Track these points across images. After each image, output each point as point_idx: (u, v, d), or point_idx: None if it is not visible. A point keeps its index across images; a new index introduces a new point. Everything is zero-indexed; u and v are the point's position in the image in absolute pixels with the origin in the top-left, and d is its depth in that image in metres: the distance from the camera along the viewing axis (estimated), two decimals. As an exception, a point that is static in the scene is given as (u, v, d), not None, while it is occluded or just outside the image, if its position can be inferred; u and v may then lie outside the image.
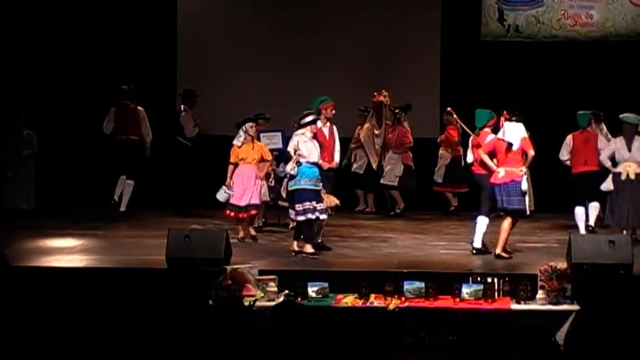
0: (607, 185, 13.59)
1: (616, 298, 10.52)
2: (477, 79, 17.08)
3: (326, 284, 10.74)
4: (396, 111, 15.90)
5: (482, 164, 12.62)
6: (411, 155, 16.16)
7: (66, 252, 12.62)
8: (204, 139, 16.00)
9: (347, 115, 16.00)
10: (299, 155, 12.26)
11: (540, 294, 10.52)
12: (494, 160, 12.45)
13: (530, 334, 7.49)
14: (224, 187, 13.05)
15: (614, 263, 10.94)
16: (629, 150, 13.35)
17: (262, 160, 13.27)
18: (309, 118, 12.54)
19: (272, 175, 13.99)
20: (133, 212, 15.63)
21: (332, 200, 12.79)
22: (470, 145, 13.22)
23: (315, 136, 12.50)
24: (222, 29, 17.67)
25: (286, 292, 10.75)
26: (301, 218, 12.28)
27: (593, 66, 17.00)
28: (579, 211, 13.91)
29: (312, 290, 10.64)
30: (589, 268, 10.91)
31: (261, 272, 11.09)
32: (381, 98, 15.72)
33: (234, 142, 13.17)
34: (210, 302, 10.16)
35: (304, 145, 12.32)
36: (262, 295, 10.67)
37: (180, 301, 10.49)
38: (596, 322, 10.17)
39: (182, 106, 16.02)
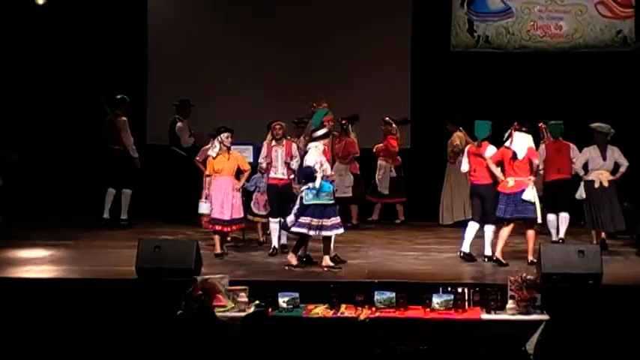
0: (580, 193, 13.72)
1: (585, 308, 10.57)
2: (447, 90, 17.12)
3: (297, 294, 10.73)
4: (343, 122, 15.74)
5: (490, 173, 12.91)
6: (357, 165, 16.09)
7: (35, 263, 12.54)
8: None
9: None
10: (323, 169, 12.09)
11: (510, 304, 10.54)
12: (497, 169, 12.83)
13: (501, 343, 7.52)
14: (202, 199, 12.95)
15: (584, 273, 10.99)
16: (604, 159, 13.69)
17: (239, 171, 13.13)
18: (323, 131, 12.42)
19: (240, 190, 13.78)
20: (132, 221, 15.63)
21: None
22: (465, 154, 13.35)
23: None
24: (194, 36, 17.60)
25: (257, 302, 10.72)
26: (299, 230, 12.12)
27: (562, 76, 17.08)
28: (551, 218, 14.05)
29: (282, 300, 10.62)
30: (559, 277, 10.96)
31: (232, 282, 11.05)
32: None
33: (209, 152, 13.03)
34: (181, 313, 10.11)
35: (321, 159, 12.20)
36: (233, 305, 10.64)
37: (150, 312, 10.46)
38: (565, 331, 10.23)
39: (177, 117, 15.83)
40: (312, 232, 12.15)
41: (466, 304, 10.70)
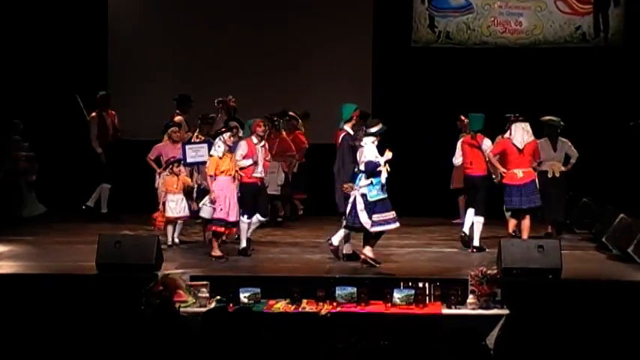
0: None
1: (545, 303, 10.64)
2: (408, 85, 17.18)
3: (258, 290, 10.73)
4: (275, 119, 15.50)
5: (488, 165, 13.21)
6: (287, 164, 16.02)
7: (-6, 258, 12.46)
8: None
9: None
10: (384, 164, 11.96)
11: (471, 298, 10.61)
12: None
13: (461, 338, 7.54)
14: (207, 201, 12.54)
15: (544, 268, 11.06)
16: (555, 150, 14.15)
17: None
18: (378, 128, 12.12)
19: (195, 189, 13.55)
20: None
21: None
22: (459, 147, 13.45)
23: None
24: (154, 32, 17.57)
25: (218, 297, 10.71)
26: (382, 228, 12.01)
27: (522, 72, 17.19)
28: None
29: (243, 296, 10.62)
30: (519, 272, 11.02)
31: (193, 278, 11.04)
32: (233, 104, 15.07)
33: (213, 153, 12.53)
34: (142, 308, 10.07)
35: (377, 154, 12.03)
36: (194, 300, 10.62)
37: (110, 307, 10.41)
38: (525, 326, 10.28)
39: (176, 111, 15.60)
40: (389, 226, 12.06)
41: (427, 298, 10.76)
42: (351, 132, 12.57)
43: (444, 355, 7.46)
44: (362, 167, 11.99)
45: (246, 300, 10.57)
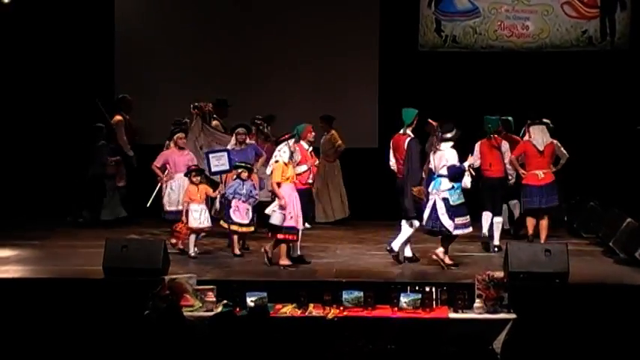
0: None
1: (552, 307, 10.63)
2: (415, 89, 17.14)
3: (264, 294, 10.72)
4: (258, 121, 15.11)
5: (511, 167, 13.57)
6: None
7: (1, 262, 12.45)
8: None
9: (286, 123, 16.08)
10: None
11: (477, 303, 10.59)
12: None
13: (468, 342, 7.55)
14: (276, 208, 12.24)
15: (550, 272, 11.04)
16: None
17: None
18: (454, 132, 12.25)
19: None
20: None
21: None
22: (478, 149, 13.48)
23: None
24: (160, 34, 17.56)
25: (224, 302, 10.71)
26: (464, 231, 12.18)
27: (528, 76, 17.17)
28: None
29: (250, 300, 10.61)
30: (525, 276, 11.00)
31: (200, 282, 11.03)
32: (209, 109, 14.92)
33: (279, 159, 12.28)
34: (148, 312, 10.08)
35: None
36: (200, 305, 10.62)
37: (117, 312, 10.42)
38: (532, 330, 10.27)
39: (213, 115, 15.45)
40: (467, 230, 12.25)
41: (434, 303, 10.74)
42: (412, 135, 12.69)
43: (450, 360, 7.46)
44: (443, 172, 12.09)
45: (252, 304, 10.56)
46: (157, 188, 13.91)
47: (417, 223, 12.44)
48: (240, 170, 13.02)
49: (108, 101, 16.36)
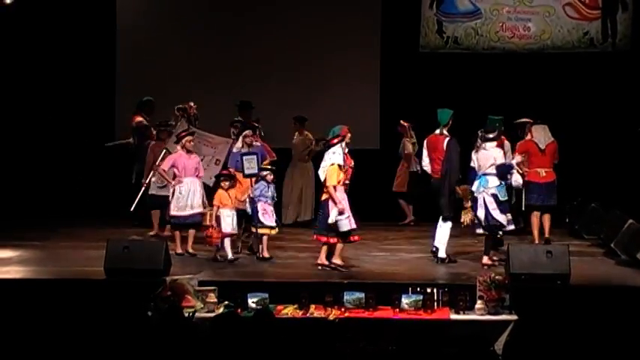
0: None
1: (553, 308, 10.62)
2: (417, 90, 17.17)
3: (266, 295, 10.72)
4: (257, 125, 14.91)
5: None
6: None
7: (2, 263, 12.45)
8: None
9: (286, 124, 16.13)
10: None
11: (479, 304, 10.59)
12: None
13: (469, 344, 7.53)
14: (338, 214, 11.97)
15: (552, 273, 11.04)
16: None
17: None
18: (496, 133, 12.69)
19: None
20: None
21: None
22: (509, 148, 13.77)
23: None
24: (163, 35, 17.59)
25: (226, 303, 10.71)
26: (510, 228, 12.78)
27: (530, 77, 17.18)
28: None
29: (252, 301, 10.62)
30: (527, 278, 11.00)
31: (201, 283, 11.04)
32: (194, 111, 14.63)
33: (335, 161, 12.13)
34: (150, 313, 10.08)
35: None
36: (202, 306, 10.63)
37: (118, 313, 10.42)
38: (534, 331, 10.27)
39: (237, 117, 15.45)
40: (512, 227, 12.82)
41: (435, 304, 10.75)
42: (449, 136, 12.88)
43: (452, 361, 7.46)
44: (490, 170, 12.38)
45: (254, 305, 10.57)
46: (142, 191, 13.96)
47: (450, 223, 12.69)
48: (265, 173, 12.93)
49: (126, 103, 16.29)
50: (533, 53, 17.52)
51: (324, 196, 12.17)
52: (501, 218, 12.34)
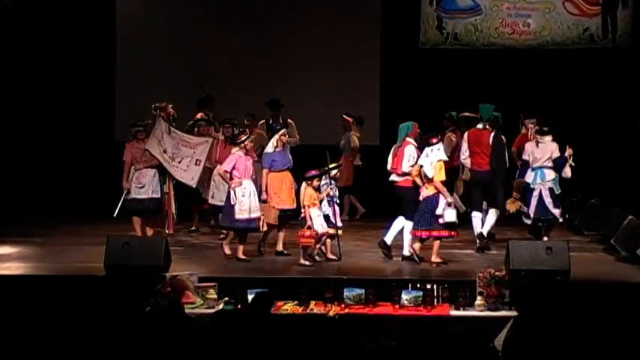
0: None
1: (553, 304, 10.62)
2: (417, 86, 17.17)
3: (266, 291, 10.71)
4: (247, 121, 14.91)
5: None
6: None
7: (2, 259, 12.46)
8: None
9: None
10: None
11: (479, 300, 10.60)
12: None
13: (469, 340, 7.54)
14: (447, 205, 12.26)
15: (552, 269, 11.05)
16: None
17: None
18: (549, 127, 13.14)
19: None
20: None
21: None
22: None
23: None
24: (163, 34, 17.58)
25: (226, 299, 10.71)
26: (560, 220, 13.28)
27: (530, 73, 17.17)
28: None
29: (251, 297, 10.59)
30: (527, 274, 11.01)
31: (201, 279, 11.04)
32: (171, 110, 14.26)
33: (442, 157, 12.37)
34: (150, 309, 10.08)
35: None
36: (202, 302, 10.64)
37: (119, 309, 10.42)
38: (534, 327, 10.26)
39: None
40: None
41: (435, 300, 10.76)
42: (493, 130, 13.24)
43: (452, 357, 7.47)
44: (548, 163, 12.99)
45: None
46: (124, 196, 13.57)
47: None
48: (335, 172, 12.88)
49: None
50: (533, 49, 17.52)
51: (430, 192, 12.29)
52: (556, 212, 12.90)
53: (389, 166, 12.96)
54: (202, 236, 14.25)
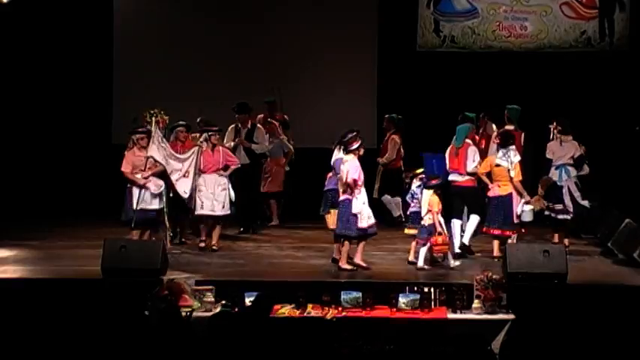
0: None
1: (550, 307, 10.63)
2: (414, 89, 17.18)
3: (266, 294, 10.70)
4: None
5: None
6: None
7: (-1, 262, 12.47)
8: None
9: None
10: None
11: (476, 303, 10.59)
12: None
13: (466, 343, 7.55)
14: (525, 205, 12.96)
15: (549, 272, 11.04)
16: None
17: None
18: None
19: None
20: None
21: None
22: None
23: None
24: (160, 34, 17.58)
25: (223, 302, 10.70)
26: None
27: (527, 76, 17.18)
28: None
29: (249, 300, 10.59)
30: (524, 277, 11.00)
31: (198, 282, 11.03)
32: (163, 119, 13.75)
33: (515, 159, 12.86)
34: (147, 313, 10.07)
35: None
36: (199, 305, 10.62)
37: (116, 312, 10.42)
38: (531, 330, 10.27)
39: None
40: None
41: (432, 303, 10.75)
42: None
43: (449, 360, 7.46)
44: (570, 161, 13.68)
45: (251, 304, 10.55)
46: (137, 202, 12.88)
47: None
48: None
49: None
50: (530, 53, 17.53)
51: (502, 191, 12.83)
52: (585, 202, 13.64)
53: (448, 167, 13.13)
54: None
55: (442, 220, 12.19)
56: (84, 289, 10.97)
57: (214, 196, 13.30)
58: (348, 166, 11.95)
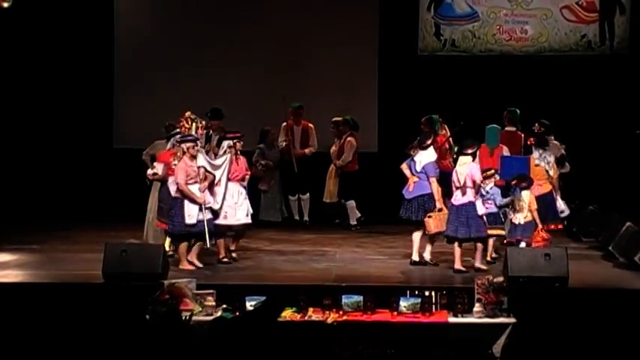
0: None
1: (552, 311, 10.63)
2: (414, 93, 17.17)
3: (264, 298, 10.70)
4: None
5: None
6: None
7: (0, 267, 12.44)
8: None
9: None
10: None
11: (477, 307, 10.59)
12: None
13: (467, 346, 7.54)
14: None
15: (550, 276, 11.05)
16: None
17: None
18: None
19: None
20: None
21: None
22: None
23: None
24: (162, 37, 17.56)
25: (224, 306, 10.70)
26: None
27: (527, 80, 17.18)
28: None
29: (250, 304, 10.60)
30: (525, 281, 11.01)
31: (199, 286, 11.03)
32: None
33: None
34: (148, 317, 10.07)
35: None
36: (200, 309, 10.62)
37: (117, 316, 10.41)
38: (532, 334, 10.27)
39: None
40: None
41: (433, 307, 10.76)
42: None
43: (450, 364, 7.46)
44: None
45: (252, 308, 10.54)
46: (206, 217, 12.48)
47: None
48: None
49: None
50: (531, 56, 17.53)
51: (544, 190, 13.37)
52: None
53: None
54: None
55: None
56: (85, 293, 10.97)
57: (238, 205, 12.89)
58: (467, 168, 12.21)
